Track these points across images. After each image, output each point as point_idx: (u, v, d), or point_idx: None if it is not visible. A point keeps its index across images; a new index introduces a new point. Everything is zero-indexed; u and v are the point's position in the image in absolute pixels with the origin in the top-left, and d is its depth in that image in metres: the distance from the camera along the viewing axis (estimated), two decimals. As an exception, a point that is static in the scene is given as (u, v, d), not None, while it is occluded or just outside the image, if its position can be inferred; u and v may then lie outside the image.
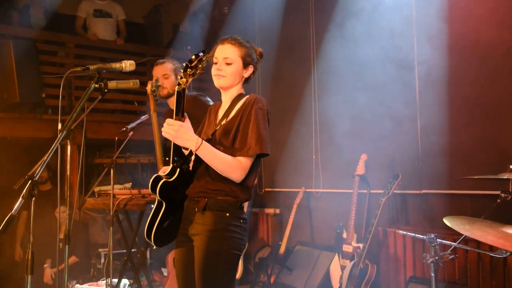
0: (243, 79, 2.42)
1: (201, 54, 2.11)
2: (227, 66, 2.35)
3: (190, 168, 2.29)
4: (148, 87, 3.42)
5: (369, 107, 4.35)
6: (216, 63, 2.37)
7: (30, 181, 2.03)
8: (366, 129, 4.38)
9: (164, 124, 2.16)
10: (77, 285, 5.03)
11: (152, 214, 2.32)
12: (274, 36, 5.71)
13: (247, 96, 2.38)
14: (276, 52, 5.71)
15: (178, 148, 2.26)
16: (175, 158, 2.26)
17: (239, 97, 2.40)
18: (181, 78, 2.10)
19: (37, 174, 2.08)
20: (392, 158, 4.16)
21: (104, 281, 5.07)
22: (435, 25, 3.78)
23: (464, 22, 3.70)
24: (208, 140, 2.30)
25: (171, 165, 2.28)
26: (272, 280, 4.90)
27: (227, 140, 2.28)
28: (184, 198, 2.39)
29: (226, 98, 2.44)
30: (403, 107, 4.03)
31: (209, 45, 2.59)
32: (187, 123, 2.19)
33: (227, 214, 2.24)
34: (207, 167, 2.25)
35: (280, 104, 5.62)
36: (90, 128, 6.12)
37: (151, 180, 2.29)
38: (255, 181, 2.49)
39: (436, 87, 3.79)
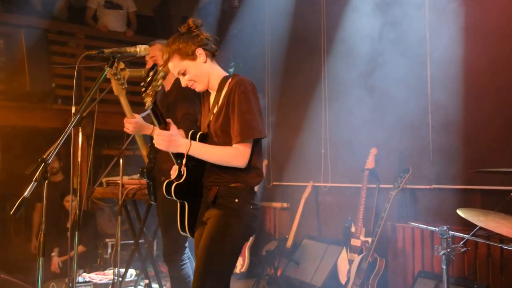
0: (206, 62, 2.39)
1: (152, 71, 2.14)
2: (186, 75, 2.38)
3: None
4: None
5: (379, 101, 4.33)
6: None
7: (43, 164, 2.04)
8: (376, 123, 4.35)
9: (155, 137, 2.22)
10: (84, 273, 5.05)
11: (180, 212, 2.39)
12: (284, 29, 5.68)
13: (230, 80, 2.39)
14: (286, 45, 5.69)
15: None
16: (178, 161, 2.33)
17: (224, 80, 2.42)
18: (144, 98, 2.16)
19: (49, 157, 2.08)
20: (402, 153, 4.14)
21: (111, 271, 5.09)
22: (449, 13, 3.74)
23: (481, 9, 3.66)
24: (205, 133, 2.40)
25: (177, 167, 2.37)
26: (279, 273, 4.89)
27: (222, 129, 2.32)
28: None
29: (213, 85, 2.45)
30: (414, 100, 4.00)
31: (219, 38, 2.59)
32: (173, 129, 2.24)
33: (236, 200, 2.29)
34: None
35: (290, 97, 5.61)
36: (99, 119, 6.06)
37: (164, 186, 2.33)
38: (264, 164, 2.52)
39: (448, 79, 3.74)
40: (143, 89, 2.13)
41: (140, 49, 2.34)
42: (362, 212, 4.14)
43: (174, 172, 2.40)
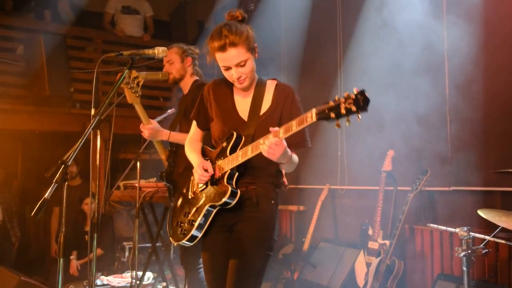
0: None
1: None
2: (242, 67, 2.22)
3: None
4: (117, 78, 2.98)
5: (396, 102, 4.29)
6: (227, 69, 2.24)
7: (63, 165, 2.06)
8: (393, 125, 4.32)
9: (270, 144, 2.02)
10: (102, 276, 5.10)
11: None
12: (300, 33, 5.69)
13: (274, 83, 2.31)
14: (302, 47, 5.69)
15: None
16: (229, 180, 2.24)
17: (260, 82, 2.32)
18: None
19: (69, 159, 2.11)
20: (420, 154, 4.10)
21: (129, 274, 5.13)
22: (467, 14, 3.70)
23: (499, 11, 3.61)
24: (249, 134, 2.25)
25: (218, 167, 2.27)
26: (295, 276, 4.88)
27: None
28: None
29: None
30: (432, 101, 3.96)
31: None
32: (284, 143, 2.06)
33: (272, 202, 2.28)
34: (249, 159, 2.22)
35: (306, 99, 5.57)
36: (116, 123, 6.16)
37: (229, 194, 2.20)
38: None
39: (467, 78, 3.70)
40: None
41: (158, 51, 2.35)
42: (380, 215, 4.11)
43: (204, 175, 2.26)
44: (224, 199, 2.18)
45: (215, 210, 2.26)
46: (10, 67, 5.87)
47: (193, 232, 2.29)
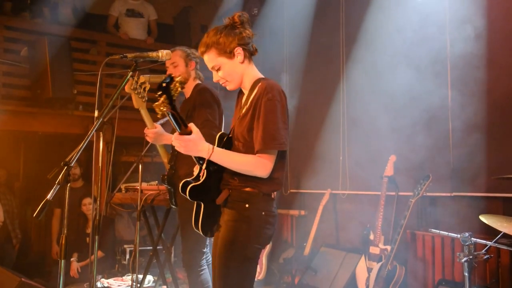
0: (243, 63, 2.30)
1: (167, 81, 2.01)
2: (219, 71, 2.30)
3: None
4: (127, 86, 3.02)
5: (398, 108, 4.30)
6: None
7: (66, 167, 2.07)
8: (395, 130, 4.32)
9: (173, 141, 2.15)
10: (103, 279, 5.09)
11: (195, 210, 2.32)
12: (303, 37, 5.71)
13: (259, 84, 2.27)
14: (305, 52, 5.71)
15: None
16: (200, 162, 2.26)
17: (257, 82, 2.31)
18: (159, 107, 2.02)
19: (72, 161, 2.11)
20: (422, 160, 4.10)
21: (129, 277, 5.13)
22: (470, 18, 3.70)
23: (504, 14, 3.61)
24: (230, 137, 2.33)
25: (198, 167, 2.30)
26: (296, 281, 4.87)
27: (244, 134, 2.25)
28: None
29: (245, 86, 2.37)
30: (434, 107, 3.96)
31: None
32: (194, 134, 2.13)
33: (247, 205, 2.20)
34: None
35: (309, 104, 5.60)
36: (118, 126, 6.15)
37: (180, 185, 2.27)
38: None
39: (470, 83, 3.70)
40: (158, 97, 2.02)
41: (162, 54, 2.36)
42: (381, 220, 4.11)
43: (196, 171, 2.34)
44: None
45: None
46: (14, 68, 5.89)
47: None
